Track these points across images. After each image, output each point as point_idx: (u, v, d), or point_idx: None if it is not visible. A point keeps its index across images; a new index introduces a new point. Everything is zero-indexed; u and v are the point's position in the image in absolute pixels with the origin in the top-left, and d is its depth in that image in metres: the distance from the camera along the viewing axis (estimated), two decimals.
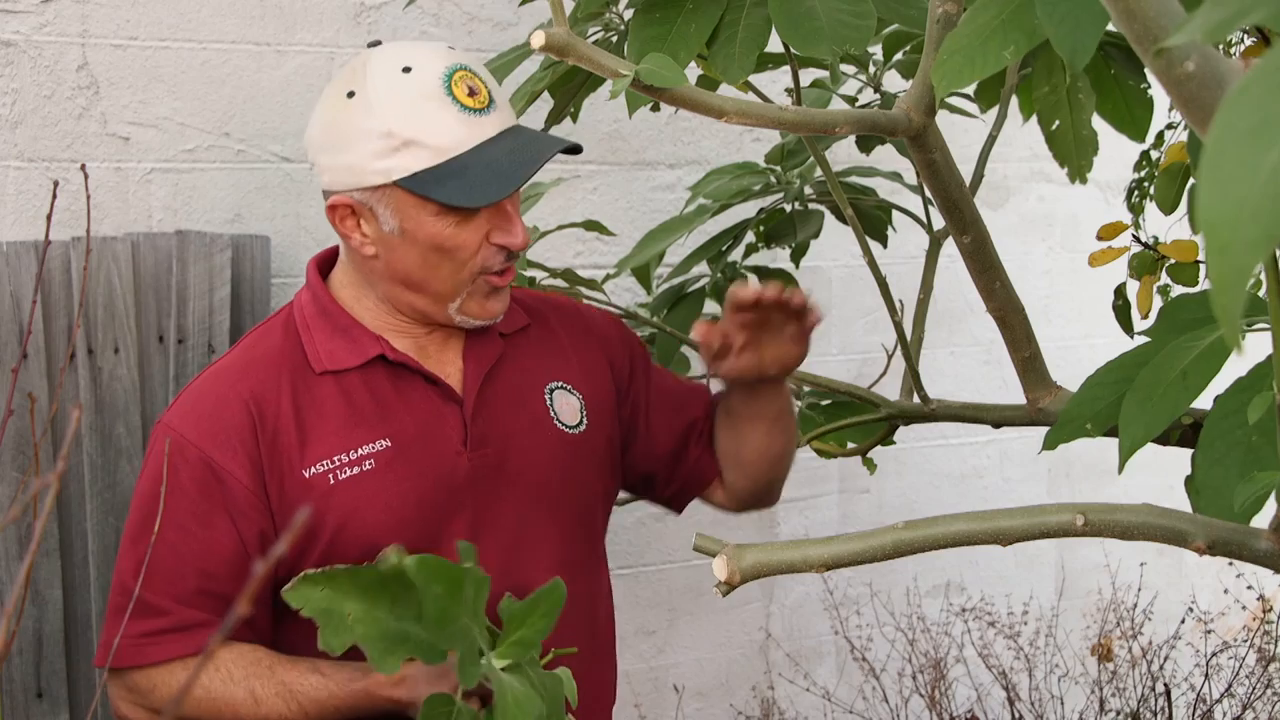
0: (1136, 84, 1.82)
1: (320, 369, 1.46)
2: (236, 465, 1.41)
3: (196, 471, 1.41)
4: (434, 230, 1.41)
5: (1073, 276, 3.31)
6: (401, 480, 1.45)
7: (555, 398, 1.57)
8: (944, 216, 1.70)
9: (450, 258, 1.43)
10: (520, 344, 1.59)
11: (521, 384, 1.56)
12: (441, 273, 1.44)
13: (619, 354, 1.67)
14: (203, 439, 1.42)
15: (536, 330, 1.62)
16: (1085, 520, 1.23)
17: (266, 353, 1.49)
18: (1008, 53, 1.26)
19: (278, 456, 1.42)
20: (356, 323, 1.49)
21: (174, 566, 1.40)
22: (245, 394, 1.44)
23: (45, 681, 2.25)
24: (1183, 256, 1.87)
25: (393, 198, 1.41)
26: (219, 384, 1.46)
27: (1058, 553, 3.41)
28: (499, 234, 1.43)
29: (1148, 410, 1.34)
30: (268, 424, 1.43)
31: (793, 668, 3.11)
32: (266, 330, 1.53)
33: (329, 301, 1.50)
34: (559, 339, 1.63)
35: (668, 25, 1.65)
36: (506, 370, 1.56)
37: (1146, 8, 0.82)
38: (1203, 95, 0.81)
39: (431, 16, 2.64)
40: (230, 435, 1.42)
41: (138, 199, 2.42)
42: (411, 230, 1.41)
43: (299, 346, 1.48)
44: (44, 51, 2.35)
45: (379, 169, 1.39)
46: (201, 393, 1.47)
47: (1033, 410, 1.83)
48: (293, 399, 1.44)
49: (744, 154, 2.88)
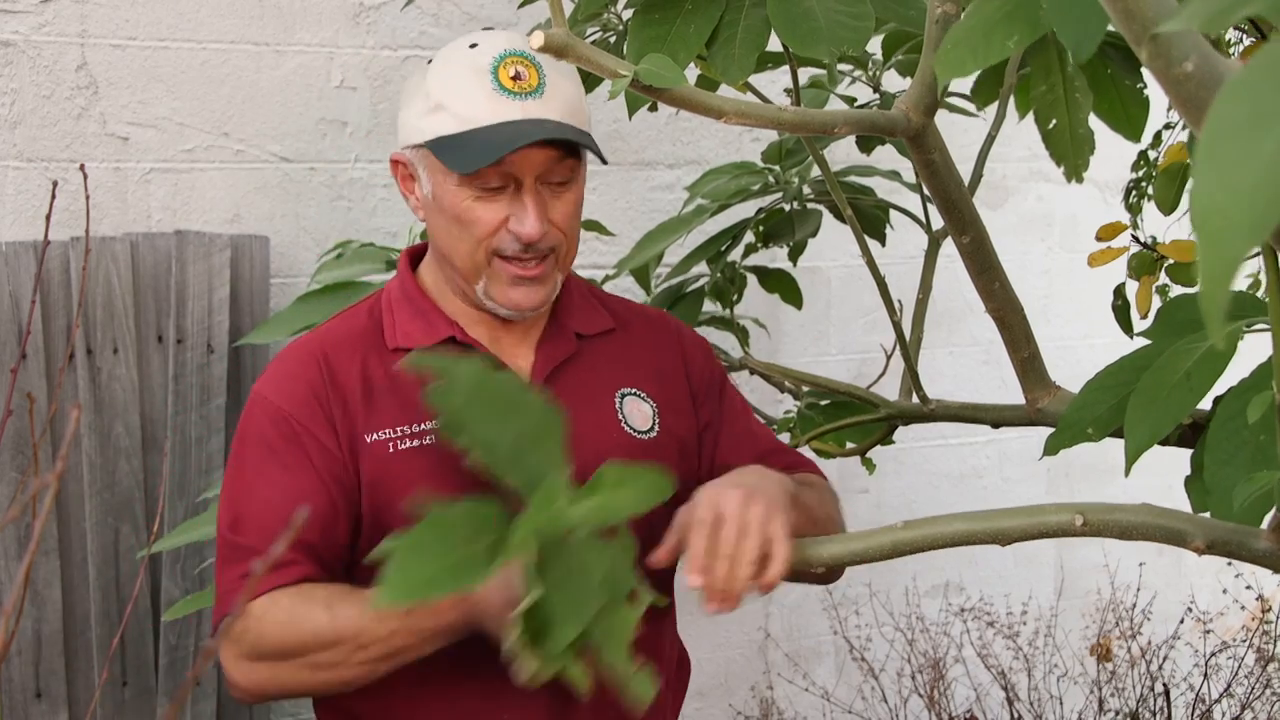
0: (1133, 84, 1.82)
1: (394, 345, 1.51)
2: (315, 425, 1.46)
3: (283, 429, 1.47)
4: (454, 200, 1.45)
5: (1071, 276, 3.31)
6: (458, 458, 1.45)
7: (626, 403, 1.57)
8: (943, 216, 1.70)
9: (468, 232, 1.46)
10: (598, 347, 1.59)
11: (592, 385, 1.56)
12: (461, 247, 1.47)
13: (699, 377, 1.66)
14: (284, 400, 1.48)
15: (620, 336, 1.62)
16: (1084, 520, 1.23)
17: (349, 327, 1.55)
18: (1011, 43, 1.26)
19: (346, 417, 1.47)
20: (436, 307, 1.54)
21: (265, 516, 1.45)
22: (319, 354, 1.50)
23: (44, 682, 2.25)
24: (1181, 256, 1.87)
25: (427, 160, 1.47)
26: (299, 350, 1.53)
27: (1057, 553, 3.42)
28: (514, 221, 1.45)
29: (1153, 413, 1.35)
30: (338, 384, 1.48)
31: (792, 668, 3.11)
32: (352, 311, 1.59)
33: (413, 287, 1.56)
34: (640, 347, 1.63)
35: (667, 26, 1.65)
36: (578, 370, 1.56)
37: (1145, 7, 0.82)
38: (1201, 95, 0.81)
39: (431, 17, 2.64)
40: (309, 395, 1.48)
41: (137, 199, 2.42)
42: (439, 196, 1.46)
43: (379, 324, 1.54)
44: (43, 51, 2.35)
45: (418, 128, 1.46)
46: (283, 358, 1.54)
47: (1032, 410, 1.83)
48: (362, 366, 1.50)
49: (743, 154, 2.88)
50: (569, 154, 1.46)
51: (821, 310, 3.07)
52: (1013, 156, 3.22)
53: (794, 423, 2.29)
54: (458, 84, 1.44)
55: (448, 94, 1.44)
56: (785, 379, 2.34)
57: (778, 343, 3.02)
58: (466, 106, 1.42)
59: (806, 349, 3.07)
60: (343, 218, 2.59)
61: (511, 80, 1.43)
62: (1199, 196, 0.42)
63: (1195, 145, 0.44)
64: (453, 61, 1.46)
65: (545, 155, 1.44)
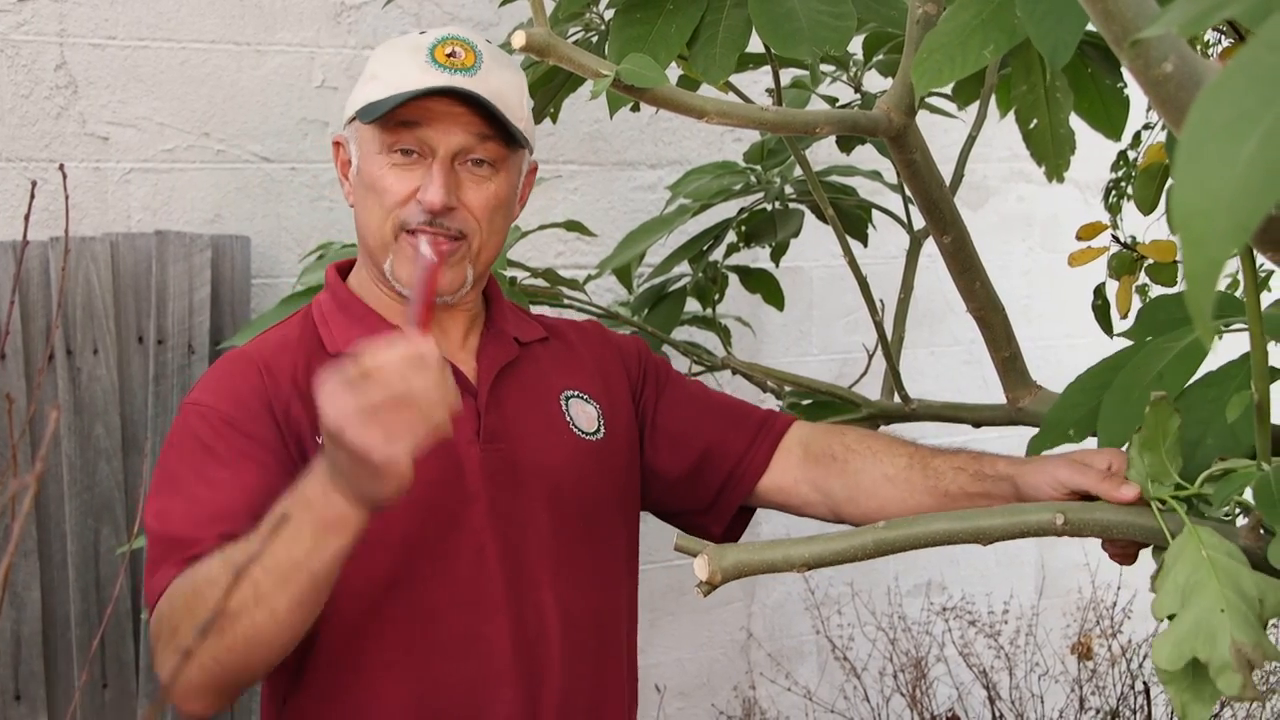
0: (1113, 83, 1.82)
1: (334, 350, 1.48)
2: (258, 423, 1.41)
3: (221, 429, 1.41)
4: (372, 167, 1.45)
5: (1052, 276, 3.32)
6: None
7: (571, 405, 1.57)
8: (924, 216, 1.70)
9: (378, 202, 1.45)
10: (537, 353, 1.59)
11: (537, 388, 1.55)
12: (372, 220, 1.46)
13: (634, 368, 1.66)
14: (222, 403, 1.43)
15: (555, 344, 1.62)
16: (1065, 519, 1.23)
17: (283, 337, 1.52)
18: (988, 51, 1.26)
19: (291, 422, 1.43)
20: (373, 311, 1.52)
21: (203, 512, 1.35)
22: (258, 363, 1.46)
23: (23, 684, 2.24)
24: (1161, 256, 1.88)
25: (356, 132, 1.48)
26: (232, 362, 1.49)
27: (1038, 552, 3.43)
28: (421, 190, 1.44)
29: (1125, 412, 1.35)
30: (281, 391, 1.44)
31: (774, 667, 3.11)
32: (282, 326, 1.56)
33: (347, 295, 1.54)
34: (578, 352, 1.63)
35: (648, 26, 1.65)
36: (521, 373, 1.55)
37: (1125, 8, 0.82)
38: (1180, 96, 0.81)
39: (412, 16, 2.63)
40: (249, 397, 1.43)
41: (117, 199, 2.41)
42: (363, 169, 1.47)
43: (315, 334, 1.51)
44: (21, 50, 2.34)
45: (352, 101, 1.48)
46: (216, 370, 1.49)
47: (1013, 410, 1.84)
48: (306, 372, 1.45)
49: (725, 154, 2.88)
50: (492, 137, 1.44)
51: (803, 310, 3.08)
52: (994, 157, 3.23)
53: None
54: (394, 58, 1.46)
55: (383, 66, 1.46)
56: (767, 379, 2.34)
57: (760, 343, 3.02)
58: (396, 75, 1.43)
59: (788, 349, 3.08)
60: (324, 218, 2.58)
61: (446, 57, 1.44)
62: (1180, 202, 0.42)
63: (1175, 148, 0.45)
64: (397, 44, 1.48)
65: (463, 130, 1.42)
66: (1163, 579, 1.12)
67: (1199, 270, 0.41)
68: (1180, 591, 1.09)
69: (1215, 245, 0.41)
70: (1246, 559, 1.11)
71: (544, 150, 2.75)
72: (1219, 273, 0.42)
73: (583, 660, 1.52)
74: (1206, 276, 0.41)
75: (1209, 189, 0.41)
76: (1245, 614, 1.05)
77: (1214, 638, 1.04)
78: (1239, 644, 1.02)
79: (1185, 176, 0.42)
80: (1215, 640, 1.04)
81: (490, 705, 1.43)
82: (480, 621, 1.45)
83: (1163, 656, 1.07)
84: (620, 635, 1.61)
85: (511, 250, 2.22)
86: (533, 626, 1.47)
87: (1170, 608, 1.09)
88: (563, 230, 2.39)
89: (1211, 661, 1.04)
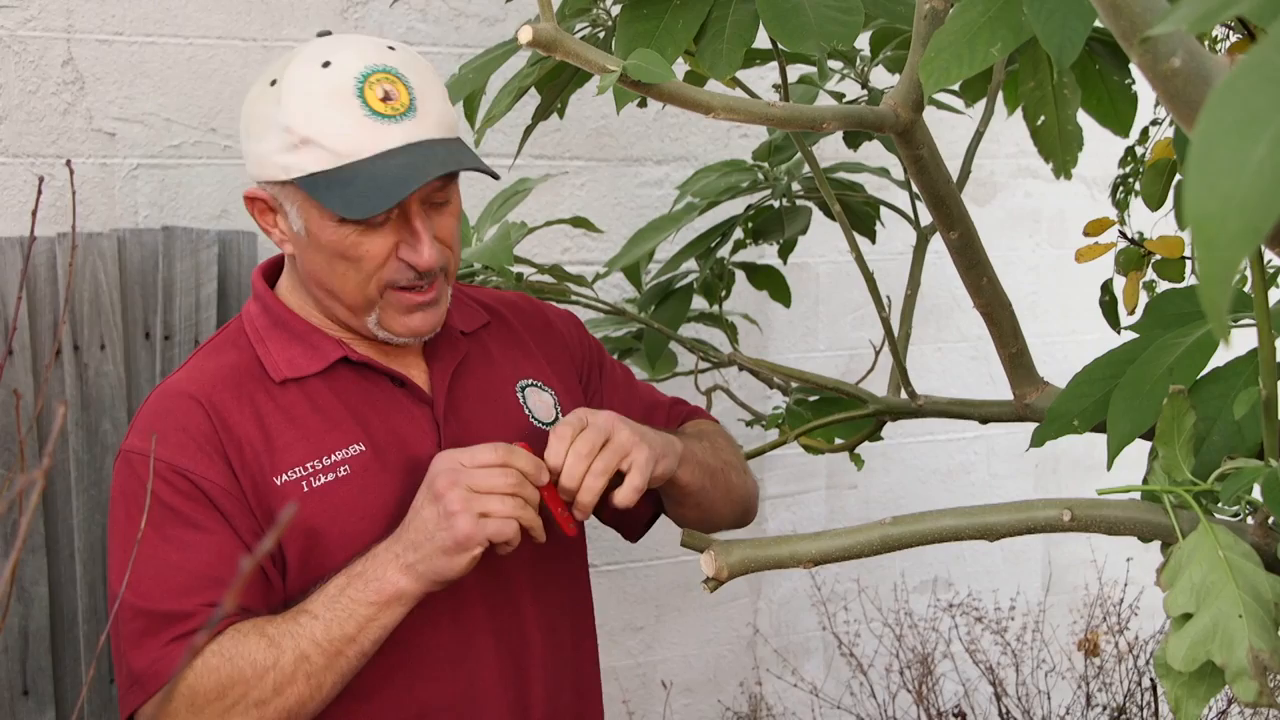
0: (1121, 79, 1.82)
1: (280, 378, 1.41)
2: (211, 470, 1.35)
3: (175, 483, 1.34)
4: (335, 237, 1.35)
5: (1059, 272, 3.32)
6: (380, 484, 1.39)
7: (528, 395, 1.53)
8: (931, 212, 1.70)
9: (356, 267, 1.36)
10: (484, 342, 1.55)
11: (492, 382, 1.52)
12: (349, 283, 1.38)
13: (578, 352, 1.65)
14: (170, 453, 1.35)
15: (497, 328, 1.58)
16: (1072, 515, 1.23)
17: (219, 368, 1.42)
18: (995, 49, 1.26)
19: (246, 464, 1.36)
20: (313, 328, 1.44)
21: (180, 581, 1.32)
22: (203, 402, 1.37)
23: (31, 679, 2.24)
24: (1169, 252, 1.87)
25: (296, 196, 1.36)
26: (170, 400, 1.39)
27: (1045, 548, 3.42)
28: (405, 249, 1.37)
29: (1135, 406, 1.35)
30: (232, 433, 1.36)
31: (780, 663, 3.11)
32: (214, 348, 1.46)
33: (280, 309, 1.45)
34: (522, 337, 1.59)
35: (655, 21, 1.65)
36: (474, 369, 1.51)
37: (1133, 4, 0.82)
38: (1188, 91, 0.81)
39: (418, 12, 2.63)
40: (198, 442, 1.35)
41: (124, 195, 2.41)
42: (315, 234, 1.36)
43: (254, 359, 1.42)
44: (29, 46, 2.34)
45: (281, 164, 1.34)
46: (155, 411, 1.39)
47: (1020, 406, 1.84)
48: (254, 409, 1.38)
49: (731, 150, 2.88)
50: (453, 174, 1.39)
51: (810, 306, 3.07)
52: (1001, 153, 3.22)
53: (782, 418, 2.29)
54: (321, 115, 1.31)
55: (312, 127, 1.31)
56: (774, 375, 2.34)
57: (767, 339, 3.02)
58: (337, 140, 1.30)
59: (795, 345, 3.08)
60: None
61: (381, 101, 1.31)
62: (1192, 204, 0.42)
63: (1185, 148, 0.45)
64: (308, 87, 1.32)
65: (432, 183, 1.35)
66: (1174, 575, 1.12)
67: (1213, 273, 0.41)
68: (1195, 591, 1.08)
69: (1228, 248, 0.41)
70: (1260, 559, 1.11)
71: (550, 146, 2.75)
72: (1233, 275, 0.42)
73: (563, 668, 1.51)
74: (1220, 279, 0.41)
75: (1220, 192, 0.41)
76: (1262, 619, 1.04)
77: (1231, 643, 1.03)
78: (1257, 650, 1.02)
79: (1196, 179, 0.42)
80: (1233, 645, 1.03)
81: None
82: (462, 642, 1.43)
83: (1176, 657, 1.06)
84: (592, 635, 1.61)
85: (518, 246, 2.22)
86: (515, 639, 1.46)
87: (1184, 606, 1.09)
88: (569, 226, 2.39)
89: (1228, 666, 1.03)
